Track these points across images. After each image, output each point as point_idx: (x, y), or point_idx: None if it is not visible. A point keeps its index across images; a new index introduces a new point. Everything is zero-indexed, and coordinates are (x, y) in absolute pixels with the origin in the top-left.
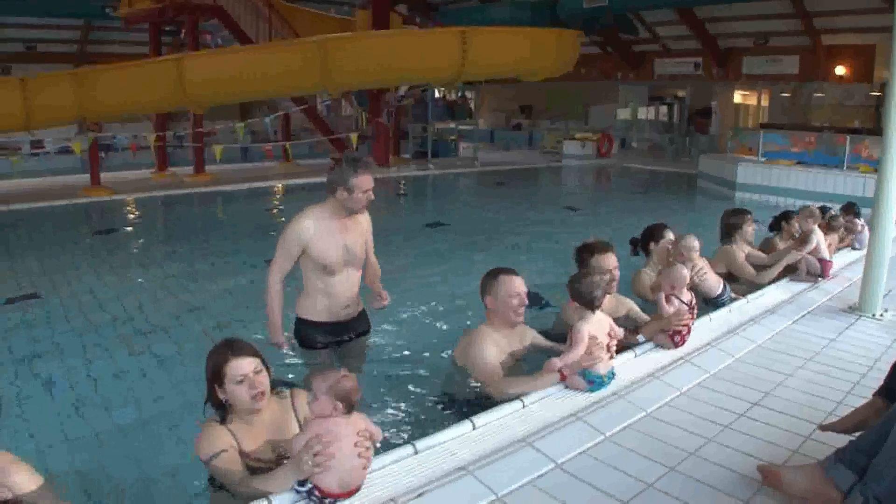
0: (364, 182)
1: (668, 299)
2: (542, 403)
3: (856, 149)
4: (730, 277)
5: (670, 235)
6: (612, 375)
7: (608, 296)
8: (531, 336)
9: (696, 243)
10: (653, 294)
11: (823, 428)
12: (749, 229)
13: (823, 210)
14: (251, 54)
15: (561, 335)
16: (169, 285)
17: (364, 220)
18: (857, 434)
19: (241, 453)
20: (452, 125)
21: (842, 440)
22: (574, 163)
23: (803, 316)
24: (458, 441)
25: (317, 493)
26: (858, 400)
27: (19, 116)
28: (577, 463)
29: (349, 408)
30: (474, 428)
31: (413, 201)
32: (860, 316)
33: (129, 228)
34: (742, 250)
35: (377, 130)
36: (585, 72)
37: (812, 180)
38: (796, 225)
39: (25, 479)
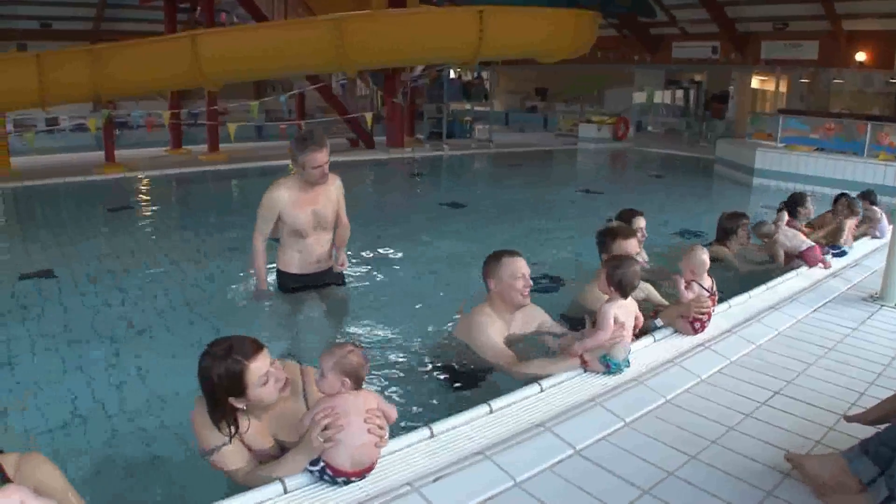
0: (311, 159)
1: (688, 285)
2: (560, 388)
3: (876, 136)
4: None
5: (641, 223)
6: (628, 362)
7: None
8: (539, 317)
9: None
10: None
11: (848, 419)
12: (742, 233)
13: (841, 196)
14: (267, 32)
15: (577, 319)
16: (182, 262)
17: (334, 188)
18: (883, 426)
19: (244, 444)
20: (468, 106)
21: (866, 431)
22: (590, 146)
23: (824, 304)
24: (474, 425)
25: (329, 471)
26: (881, 391)
27: (35, 93)
28: (597, 449)
29: (357, 383)
30: (491, 411)
31: (428, 182)
32: (882, 305)
33: (143, 206)
34: (732, 252)
35: (392, 110)
36: (602, 54)
37: (831, 167)
38: (810, 207)
39: (57, 482)
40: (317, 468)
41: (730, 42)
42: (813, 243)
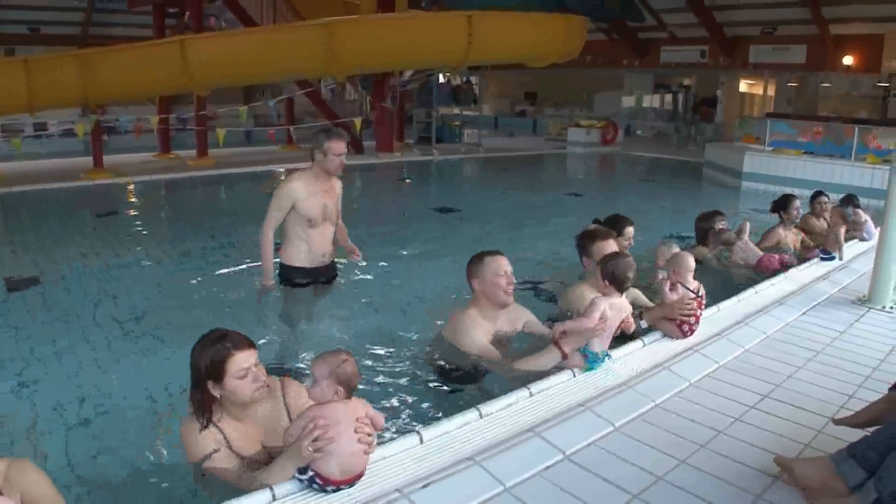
0: (336, 146)
1: (672, 286)
2: (550, 392)
3: (864, 139)
4: None
5: (630, 232)
6: (607, 354)
7: None
8: (525, 317)
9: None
10: None
11: (837, 422)
12: (719, 227)
13: (819, 195)
14: (256, 37)
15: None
16: (170, 268)
17: (338, 185)
18: (872, 429)
19: (232, 451)
20: (457, 111)
21: (855, 434)
22: (579, 150)
23: (812, 307)
24: (464, 430)
25: (318, 480)
26: (870, 394)
27: (22, 98)
28: (587, 454)
29: (349, 393)
30: (481, 417)
31: (417, 186)
32: (870, 308)
33: (131, 211)
34: (712, 252)
35: (381, 115)
36: (591, 59)
37: (819, 170)
38: (793, 212)
39: (39, 485)
40: (305, 477)
41: (718, 46)
42: (761, 253)
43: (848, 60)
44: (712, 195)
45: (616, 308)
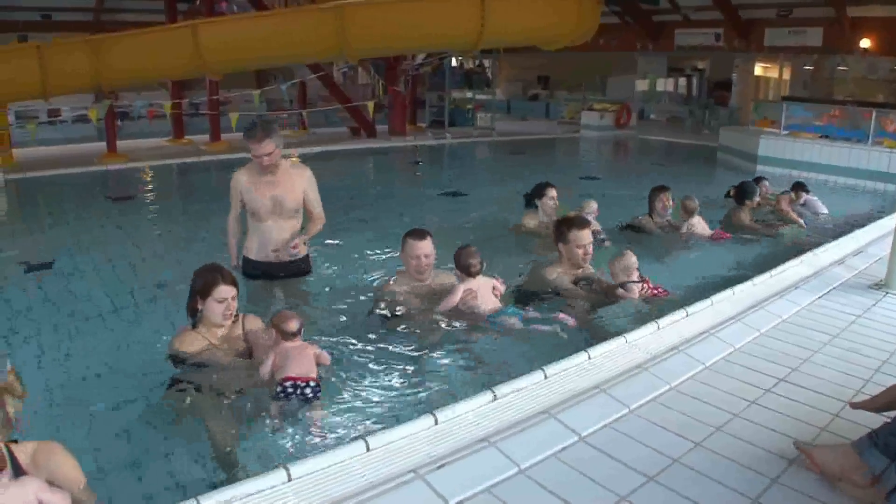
0: (251, 149)
1: (622, 286)
2: (565, 375)
3: (881, 123)
4: None
5: (552, 193)
6: (510, 311)
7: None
8: (445, 281)
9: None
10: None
11: (854, 406)
12: (663, 203)
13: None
14: (268, 20)
15: (532, 291)
16: (184, 251)
17: (299, 179)
18: (890, 414)
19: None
20: (470, 94)
21: (871, 419)
22: (592, 133)
23: (829, 292)
24: (479, 412)
25: (287, 383)
26: (887, 378)
27: (36, 84)
28: (601, 436)
29: (291, 335)
30: (495, 398)
31: (429, 170)
32: (887, 293)
33: (146, 195)
34: (655, 222)
35: (394, 99)
36: (604, 42)
37: (836, 154)
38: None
39: (71, 472)
40: (279, 388)
41: (733, 29)
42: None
43: (865, 43)
44: (727, 179)
45: (474, 288)
